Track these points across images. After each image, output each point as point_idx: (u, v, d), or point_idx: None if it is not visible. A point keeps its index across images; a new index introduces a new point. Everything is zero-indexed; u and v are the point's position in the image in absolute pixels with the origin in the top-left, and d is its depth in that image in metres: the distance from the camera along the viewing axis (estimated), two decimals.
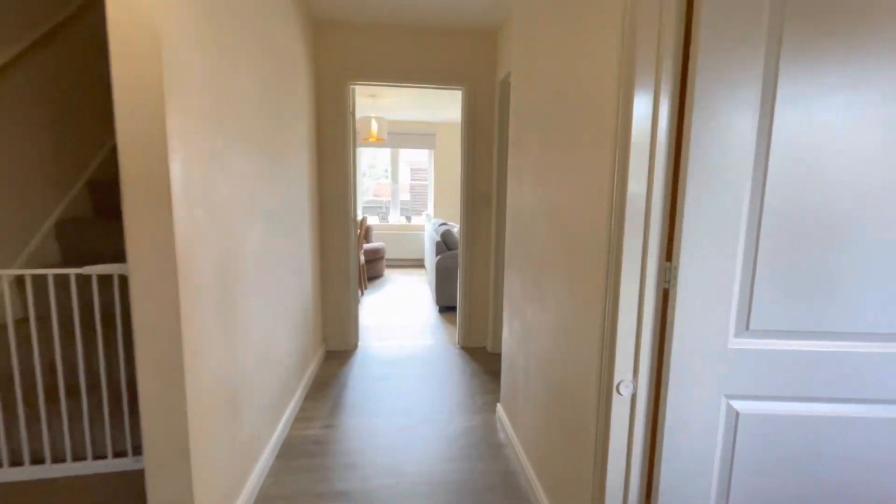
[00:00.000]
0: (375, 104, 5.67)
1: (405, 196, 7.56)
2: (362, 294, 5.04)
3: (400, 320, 4.09)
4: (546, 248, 1.62)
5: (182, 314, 1.16)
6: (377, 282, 5.90)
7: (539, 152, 1.70)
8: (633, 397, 1.12)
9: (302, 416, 2.31)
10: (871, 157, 0.97)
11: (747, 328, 1.04)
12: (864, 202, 0.98)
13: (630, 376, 1.11)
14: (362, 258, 5.12)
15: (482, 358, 3.21)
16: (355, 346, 3.37)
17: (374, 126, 5.20)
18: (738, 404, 1.07)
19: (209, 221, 1.32)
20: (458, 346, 3.42)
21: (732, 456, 1.09)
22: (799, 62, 0.95)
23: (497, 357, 3.22)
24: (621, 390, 1.11)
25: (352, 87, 3.13)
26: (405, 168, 7.55)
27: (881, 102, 0.96)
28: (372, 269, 5.99)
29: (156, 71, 1.06)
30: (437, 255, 4.48)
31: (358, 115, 6.22)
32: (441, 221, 5.50)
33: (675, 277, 1.03)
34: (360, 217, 6.71)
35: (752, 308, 1.03)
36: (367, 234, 6.41)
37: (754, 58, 0.95)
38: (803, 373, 1.04)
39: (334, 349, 3.30)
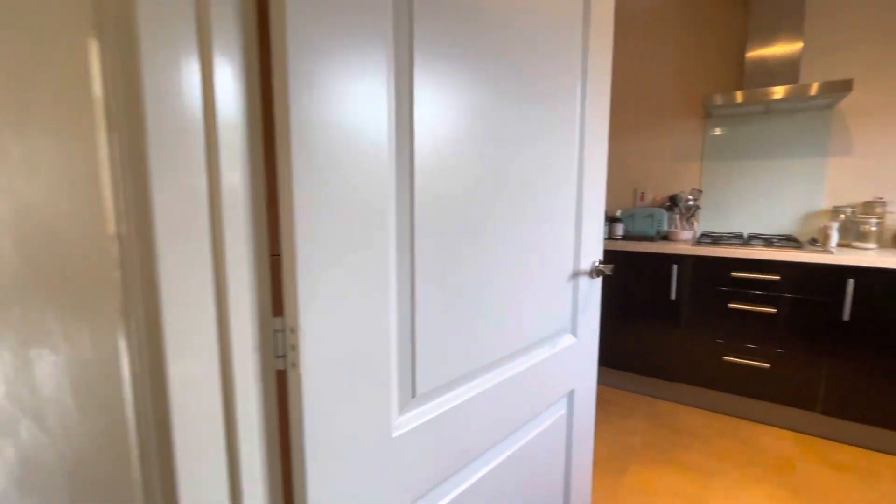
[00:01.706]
0: None
1: None
2: None
3: None
4: None
5: None
6: None
7: None
8: None
9: None
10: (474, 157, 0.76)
11: (414, 395, 0.65)
12: (482, 211, 0.77)
13: None
14: None
15: None
16: None
17: None
18: None
19: None
20: None
21: None
22: (428, 44, 0.60)
23: None
24: None
25: None
26: None
27: (476, 89, 0.75)
28: None
29: None
30: None
31: None
32: None
33: (297, 347, 0.49)
34: None
35: (416, 360, 0.64)
36: None
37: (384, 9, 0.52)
38: (465, 430, 0.75)
39: None
